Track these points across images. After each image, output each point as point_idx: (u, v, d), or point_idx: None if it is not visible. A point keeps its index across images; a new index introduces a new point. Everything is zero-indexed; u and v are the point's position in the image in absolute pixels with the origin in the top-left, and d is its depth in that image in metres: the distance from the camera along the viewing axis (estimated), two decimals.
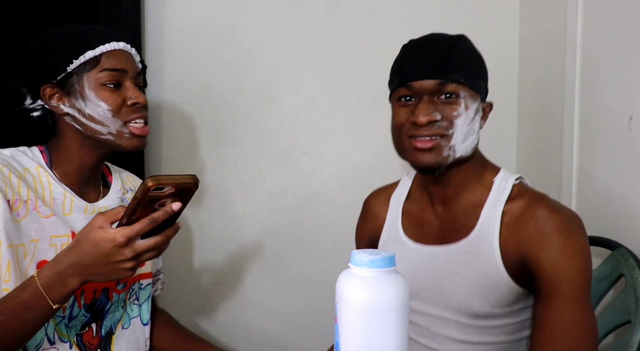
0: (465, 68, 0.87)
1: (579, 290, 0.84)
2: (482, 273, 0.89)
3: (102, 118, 0.92)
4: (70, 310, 0.94)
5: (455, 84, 0.86)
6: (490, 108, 0.93)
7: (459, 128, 0.87)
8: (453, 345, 0.93)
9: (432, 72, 0.87)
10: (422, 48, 0.91)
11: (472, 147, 0.90)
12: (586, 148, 1.24)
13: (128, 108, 0.94)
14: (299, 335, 1.61)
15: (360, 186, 1.56)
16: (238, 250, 1.58)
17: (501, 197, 0.91)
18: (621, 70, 1.12)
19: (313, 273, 1.58)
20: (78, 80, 0.91)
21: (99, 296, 0.99)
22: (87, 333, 0.98)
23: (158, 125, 1.55)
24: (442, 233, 0.96)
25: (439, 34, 0.94)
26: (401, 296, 0.64)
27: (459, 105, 0.86)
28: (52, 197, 0.93)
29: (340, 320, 0.65)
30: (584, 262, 0.85)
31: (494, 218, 0.90)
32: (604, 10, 1.18)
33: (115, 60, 0.94)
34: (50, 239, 0.91)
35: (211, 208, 1.57)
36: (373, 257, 0.64)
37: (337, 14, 1.53)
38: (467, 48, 0.91)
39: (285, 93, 1.55)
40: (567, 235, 0.85)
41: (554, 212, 0.86)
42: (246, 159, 1.56)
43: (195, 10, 1.52)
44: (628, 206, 1.10)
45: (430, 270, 0.95)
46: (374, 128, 1.55)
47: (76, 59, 0.91)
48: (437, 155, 0.88)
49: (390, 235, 1.04)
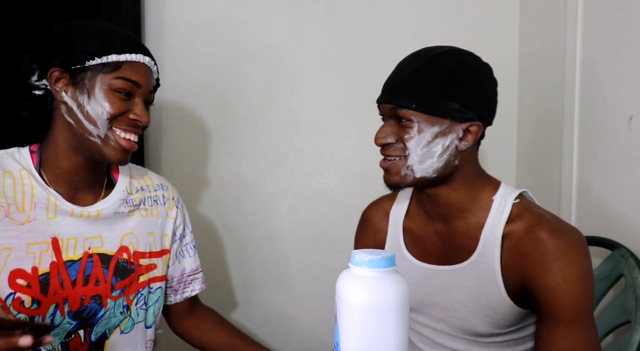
0: (422, 93, 0.86)
1: (581, 316, 0.83)
2: (483, 296, 0.89)
3: (97, 118, 0.90)
4: (52, 318, 0.90)
5: (405, 109, 0.87)
6: (479, 129, 0.88)
7: (412, 150, 0.88)
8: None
9: (387, 97, 0.90)
10: (395, 70, 0.92)
11: (435, 169, 0.88)
12: (586, 149, 1.24)
13: (127, 120, 0.92)
14: (299, 335, 1.61)
15: (360, 186, 1.57)
16: (238, 250, 1.58)
17: (501, 219, 0.90)
18: (621, 70, 1.12)
19: (313, 273, 1.58)
20: (91, 77, 0.89)
21: (89, 303, 0.95)
22: (74, 341, 0.94)
23: (158, 125, 1.55)
24: (443, 252, 0.96)
25: (420, 51, 0.93)
26: (401, 296, 0.64)
27: (412, 129, 0.87)
28: (34, 202, 0.89)
29: (340, 320, 0.65)
30: (585, 287, 0.84)
31: (494, 242, 0.89)
32: (604, 11, 1.18)
33: (134, 72, 0.92)
34: (27, 247, 0.88)
35: (211, 208, 1.57)
36: (373, 257, 0.64)
37: (337, 13, 1.53)
38: (438, 69, 0.87)
39: (285, 93, 1.55)
40: (568, 260, 0.84)
41: (553, 236, 0.85)
42: (246, 159, 1.56)
43: (195, 10, 1.52)
44: (628, 206, 1.10)
45: (434, 288, 0.95)
46: (374, 128, 1.54)
47: (99, 57, 0.89)
48: (395, 175, 0.91)
49: (392, 250, 1.00)
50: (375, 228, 1.07)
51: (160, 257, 1.07)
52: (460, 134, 0.88)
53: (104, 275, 0.97)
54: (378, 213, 1.08)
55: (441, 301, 0.94)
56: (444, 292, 0.94)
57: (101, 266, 0.96)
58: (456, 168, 0.91)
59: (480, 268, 0.90)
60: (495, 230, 0.89)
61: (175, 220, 1.10)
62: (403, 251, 1.00)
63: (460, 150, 0.89)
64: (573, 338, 0.83)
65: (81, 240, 0.94)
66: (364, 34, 1.54)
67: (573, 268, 0.83)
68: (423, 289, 0.96)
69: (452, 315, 0.93)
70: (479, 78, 0.90)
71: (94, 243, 0.96)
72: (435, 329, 0.97)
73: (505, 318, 0.89)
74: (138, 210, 1.03)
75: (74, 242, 0.93)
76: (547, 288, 0.84)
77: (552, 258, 0.84)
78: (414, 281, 0.96)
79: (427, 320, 0.98)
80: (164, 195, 1.10)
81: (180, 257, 1.13)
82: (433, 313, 0.96)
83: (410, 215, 1.03)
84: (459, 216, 0.93)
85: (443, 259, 0.95)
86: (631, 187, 1.10)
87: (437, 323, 0.96)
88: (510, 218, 0.89)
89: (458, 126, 0.87)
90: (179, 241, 1.12)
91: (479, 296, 0.90)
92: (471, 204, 0.92)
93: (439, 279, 0.94)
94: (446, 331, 0.95)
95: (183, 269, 1.13)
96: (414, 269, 0.98)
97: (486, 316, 0.89)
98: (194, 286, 1.15)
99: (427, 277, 0.96)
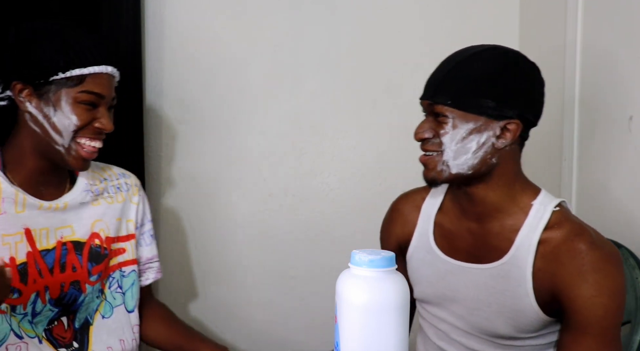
0: (457, 90, 0.88)
1: (609, 330, 0.83)
2: (510, 298, 0.89)
3: (64, 129, 0.92)
4: (33, 306, 0.93)
5: (441, 105, 0.89)
6: (518, 127, 0.87)
7: (447, 145, 0.89)
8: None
9: (426, 93, 0.93)
10: (437, 67, 0.95)
11: (469, 166, 0.89)
12: (586, 149, 1.24)
13: (92, 128, 0.95)
14: (299, 335, 1.61)
15: (360, 186, 1.56)
16: (238, 250, 1.58)
17: (539, 224, 0.89)
18: (621, 70, 1.12)
19: (313, 273, 1.57)
20: (55, 91, 0.91)
21: (68, 290, 0.98)
22: (57, 327, 0.98)
23: (158, 125, 1.55)
24: (474, 250, 0.95)
25: (463, 49, 0.95)
26: (401, 296, 0.64)
27: (447, 124, 0.88)
28: (1, 197, 0.92)
29: (340, 320, 0.66)
30: (618, 302, 0.84)
31: (530, 246, 0.88)
32: (604, 11, 1.18)
33: (98, 84, 0.94)
34: (2, 238, 0.91)
35: (211, 208, 1.57)
36: (373, 257, 0.64)
37: (337, 13, 1.53)
38: (476, 66, 0.89)
39: (285, 93, 1.55)
40: (604, 273, 0.83)
41: (593, 248, 0.84)
42: (246, 159, 1.56)
43: (196, 10, 1.52)
44: (628, 206, 1.10)
45: (459, 285, 0.95)
46: (374, 128, 1.55)
47: (62, 72, 0.90)
48: (432, 171, 0.92)
49: (420, 243, 1.03)
50: (405, 219, 1.07)
51: (128, 241, 1.11)
52: (498, 132, 0.88)
53: (79, 261, 1.00)
54: (409, 205, 1.08)
55: (464, 298, 0.94)
56: (469, 290, 0.93)
57: (75, 253, 1.00)
58: (494, 166, 0.90)
59: (511, 270, 0.89)
60: (532, 235, 0.89)
61: (137, 206, 1.14)
62: (431, 244, 1.00)
63: (498, 148, 0.88)
64: None
65: (52, 230, 0.97)
66: (364, 33, 1.53)
67: (608, 282, 0.83)
68: (447, 284, 0.96)
69: (473, 313, 0.93)
70: (519, 76, 0.89)
71: (65, 232, 0.99)
72: (452, 325, 0.97)
73: (530, 323, 0.89)
74: (102, 198, 1.07)
75: (45, 232, 0.96)
76: (579, 298, 0.83)
77: (589, 269, 0.83)
78: (438, 275, 0.97)
79: (446, 314, 0.97)
80: (126, 182, 1.14)
81: (138, 245, 1.16)
82: (454, 309, 0.96)
83: (443, 210, 1.02)
84: (495, 216, 0.93)
85: (472, 257, 0.95)
86: (631, 187, 1.10)
87: (456, 319, 0.96)
88: (549, 225, 0.88)
89: (495, 124, 0.87)
90: (140, 228, 1.15)
91: (506, 298, 0.89)
92: (508, 205, 0.92)
93: (466, 276, 0.94)
94: (463, 329, 0.95)
95: (139, 257, 1.16)
96: (440, 263, 0.98)
97: (510, 318, 0.89)
98: (148, 275, 1.18)
99: (452, 272, 0.96)
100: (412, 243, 1.04)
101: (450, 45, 1.53)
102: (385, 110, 1.55)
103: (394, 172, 1.55)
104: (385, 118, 1.55)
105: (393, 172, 1.55)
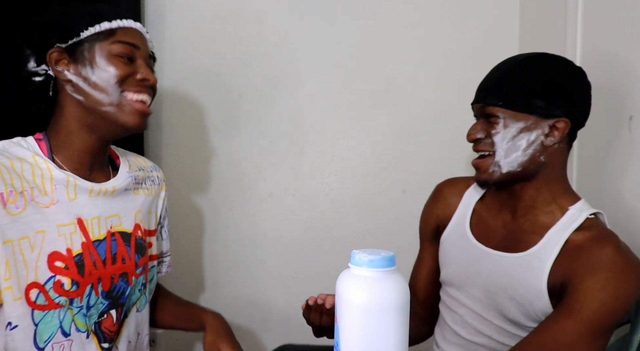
0: (508, 91, 0.94)
1: (595, 325, 0.83)
2: (524, 287, 0.92)
3: (106, 84, 0.90)
4: (88, 299, 0.92)
5: (492, 106, 0.95)
6: (567, 125, 0.92)
7: (498, 144, 0.95)
8: (482, 339, 1.00)
9: (478, 97, 0.99)
10: (488, 73, 1.01)
11: (519, 163, 0.94)
12: (586, 149, 1.24)
13: (135, 81, 0.93)
14: (299, 335, 1.61)
15: (360, 186, 1.57)
16: (238, 250, 1.58)
17: (570, 226, 0.93)
18: (621, 70, 1.12)
19: (313, 273, 1.58)
20: (89, 48, 0.91)
21: (118, 282, 0.97)
22: (106, 320, 0.97)
23: (158, 124, 1.55)
24: (504, 241, 1.00)
25: (513, 56, 1.00)
26: (401, 296, 0.64)
27: (498, 124, 0.94)
28: (54, 184, 0.90)
29: (340, 320, 0.66)
30: (618, 306, 0.83)
31: (556, 243, 0.92)
32: (604, 11, 1.18)
33: (129, 36, 0.93)
34: (58, 229, 0.89)
35: (211, 208, 1.57)
36: (373, 257, 0.64)
37: (337, 14, 1.53)
38: (525, 70, 0.95)
39: (285, 93, 1.55)
40: (617, 275, 0.84)
41: (615, 252, 0.86)
42: (246, 159, 1.56)
43: (196, 10, 1.53)
44: (628, 206, 1.10)
45: (482, 269, 1.00)
46: (374, 128, 1.55)
47: (92, 26, 0.90)
48: (483, 173, 0.98)
49: (456, 226, 1.08)
50: (446, 202, 1.13)
51: (154, 235, 1.12)
52: (547, 130, 0.93)
53: (127, 252, 1.00)
54: (453, 189, 1.13)
55: (485, 283, 0.99)
56: (490, 275, 0.98)
57: (124, 244, 0.99)
58: (542, 165, 0.95)
59: (532, 262, 0.93)
60: (561, 233, 0.92)
61: (163, 201, 1.16)
62: (466, 229, 1.06)
63: (546, 146, 0.94)
64: (572, 338, 0.83)
65: (103, 220, 0.96)
66: (364, 34, 1.54)
67: (618, 284, 0.84)
68: (472, 268, 1.01)
69: (490, 297, 0.98)
70: (566, 78, 0.95)
71: (114, 221, 0.98)
72: (470, 308, 1.02)
73: (535, 313, 0.92)
74: (142, 189, 1.07)
75: (97, 222, 0.95)
76: (582, 288, 0.84)
77: (604, 267, 0.84)
78: (467, 259, 1.03)
79: (466, 298, 1.02)
80: (158, 176, 1.15)
81: (161, 238, 1.17)
82: (473, 292, 1.01)
83: (484, 200, 1.08)
84: (531, 212, 0.98)
85: (501, 246, 1.00)
86: (631, 187, 1.10)
87: (473, 302, 1.01)
88: (580, 227, 0.92)
89: (544, 122, 0.93)
90: (161, 222, 1.17)
91: (520, 285, 0.93)
92: (547, 205, 0.97)
93: (491, 263, 0.99)
94: (479, 312, 1.00)
95: (159, 251, 1.17)
96: (470, 247, 1.03)
97: (521, 305, 0.93)
98: (161, 268, 1.20)
99: (479, 258, 1.01)
100: (449, 226, 1.10)
101: (450, 45, 1.54)
102: (385, 110, 1.55)
103: (394, 172, 1.56)
104: (385, 118, 1.55)
105: (393, 172, 1.56)
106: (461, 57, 1.52)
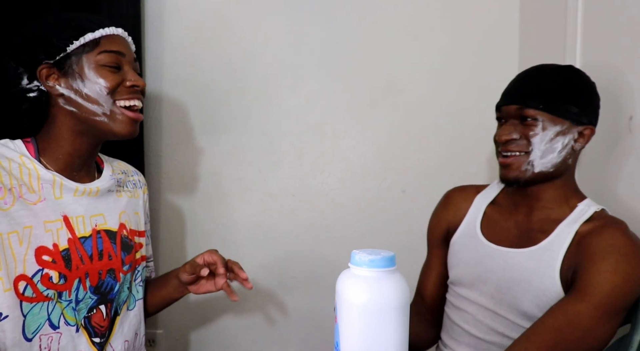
0: (548, 96, 0.98)
1: (607, 308, 0.86)
2: (537, 278, 0.96)
3: (97, 96, 0.94)
4: (76, 293, 0.96)
5: (532, 109, 0.98)
6: (592, 132, 0.99)
7: (536, 145, 0.98)
8: (495, 337, 1.01)
9: (514, 99, 1.01)
10: (518, 79, 1.04)
11: (553, 164, 0.98)
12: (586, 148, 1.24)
13: (125, 89, 0.97)
14: (299, 335, 1.61)
15: (360, 186, 1.57)
16: (238, 250, 1.58)
17: (579, 219, 0.98)
18: (621, 70, 1.12)
19: (313, 273, 1.58)
20: (77, 61, 0.94)
21: (105, 278, 1.01)
22: (96, 315, 1.00)
23: (158, 125, 1.55)
24: (516, 239, 1.04)
25: (538, 66, 1.04)
26: (401, 296, 0.64)
27: (537, 126, 0.98)
28: (40, 183, 0.93)
29: (340, 320, 0.66)
30: (629, 288, 0.86)
31: (567, 235, 0.96)
32: (604, 12, 1.18)
33: (114, 44, 0.96)
34: (44, 225, 0.92)
35: (211, 208, 1.57)
36: (373, 257, 0.64)
37: (337, 14, 1.53)
38: (562, 77, 1.00)
39: (285, 93, 1.55)
40: (628, 258, 0.87)
41: (624, 236, 0.90)
42: (246, 159, 1.56)
43: (196, 10, 1.53)
44: (628, 206, 1.10)
45: (494, 266, 1.03)
46: (374, 128, 1.55)
47: (76, 39, 0.93)
48: (515, 170, 1.00)
49: (467, 229, 1.12)
50: (457, 206, 1.17)
51: (143, 236, 1.15)
52: (576, 136, 0.99)
53: (114, 249, 1.03)
54: (463, 195, 1.18)
55: (497, 279, 1.01)
56: (503, 271, 1.01)
57: (109, 241, 1.03)
58: (567, 168, 1.01)
59: (544, 253, 0.96)
60: (571, 226, 0.97)
61: (145, 204, 1.19)
62: (477, 231, 1.09)
63: (575, 150, 1.00)
64: (586, 321, 0.86)
65: (87, 218, 0.99)
66: (363, 34, 1.54)
67: (629, 267, 0.86)
68: (484, 266, 1.04)
69: (503, 291, 1.00)
70: (591, 90, 1.01)
71: (98, 220, 1.02)
72: (481, 306, 1.04)
73: (549, 304, 0.93)
74: (124, 191, 1.10)
75: (82, 220, 0.98)
76: (593, 271, 0.87)
77: (614, 251, 0.88)
78: (477, 258, 1.06)
79: (477, 295, 1.05)
80: (139, 180, 1.18)
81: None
82: (485, 289, 1.03)
83: (495, 203, 1.12)
84: (545, 209, 1.02)
85: (513, 244, 1.03)
86: (631, 187, 1.10)
87: (485, 299, 1.03)
88: (589, 219, 0.97)
89: (575, 128, 0.98)
90: (145, 226, 1.18)
91: (534, 277, 0.96)
92: (559, 203, 1.02)
93: (502, 259, 1.02)
94: (491, 309, 1.02)
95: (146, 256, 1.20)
96: (481, 247, 1.06)
97: (535, 296, 0.95)
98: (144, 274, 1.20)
99: (490, 256, 1.04)
100: (460, 229, 1.13)
101: (450, 45, 1.54)
102: (385, 110, 1.55)
103: (394, 172, 1.56)
104: (385, 118, 1.55)
105: (393, 172, 1.56)
106: (461, 57, 1.52)
